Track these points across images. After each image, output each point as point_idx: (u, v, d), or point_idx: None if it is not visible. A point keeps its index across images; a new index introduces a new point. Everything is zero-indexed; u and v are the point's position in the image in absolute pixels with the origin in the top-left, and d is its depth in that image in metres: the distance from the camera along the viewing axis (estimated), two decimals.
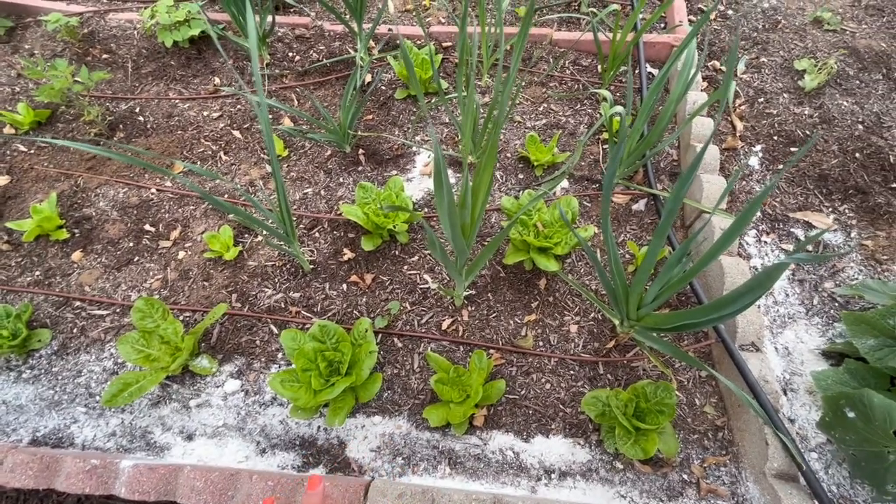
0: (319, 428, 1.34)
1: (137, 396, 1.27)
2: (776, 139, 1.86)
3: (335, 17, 1.97)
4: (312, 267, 1.61)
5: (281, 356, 1.46)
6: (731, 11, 2.31)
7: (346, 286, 1.57)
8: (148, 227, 1.73)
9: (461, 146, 1.88)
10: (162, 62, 2.20)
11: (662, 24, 2.29)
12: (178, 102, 2.07)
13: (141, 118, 2.02)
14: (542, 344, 1.45)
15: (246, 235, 1.70)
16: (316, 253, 1.65)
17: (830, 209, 1.68)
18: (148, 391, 1.30)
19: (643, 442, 1.16)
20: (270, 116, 1.98)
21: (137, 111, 2.05)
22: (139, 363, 1.32)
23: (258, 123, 2.00)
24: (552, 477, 1.25)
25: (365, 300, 1.54)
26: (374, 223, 1.54)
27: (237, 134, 1.97)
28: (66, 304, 1.58)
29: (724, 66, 2.09)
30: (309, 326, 1.47)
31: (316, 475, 0.55)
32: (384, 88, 2.08)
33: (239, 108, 2.05)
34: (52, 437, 1.36)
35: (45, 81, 2.05)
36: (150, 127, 2.00)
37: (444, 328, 1.48)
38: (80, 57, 2.22)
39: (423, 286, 1.56)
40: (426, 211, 1.74)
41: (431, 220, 1.72)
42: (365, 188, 1.58)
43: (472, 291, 1.55)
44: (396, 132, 1.95)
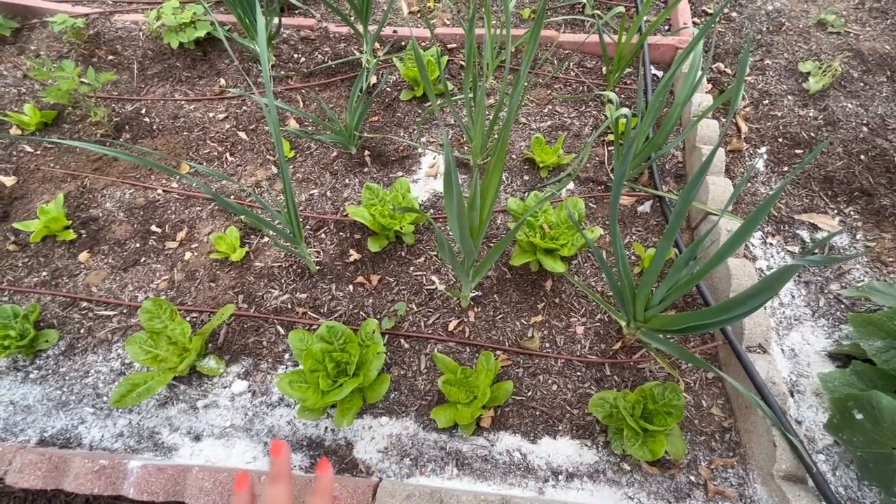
0: (327, 429, 1.35)
1: (145, 397, 1.27)
2: (781, 141, 1.86)
3: (341, 18, 1.98)
4: (319, 268, 1.62)
5: (288, 357, 1.47)
6: (735, 14, 2.32)
7: (352, 287, 1.57)
8: (154, 227, 1.73)
9: (468, 148, 1.89)
10: (167, 63, 2.20)
11: (666, 26, 2.30)
12: (183, 104, 2.08)
13: (147, 119, 2.03)
14: (548, 345, 1.45)
15: (252, 236, 1.71)
16: (322, 254, 1.65)
17: (836, 211, 1.69)
18: (156, 392, 1.30)
19: (651, 443, 1.17)
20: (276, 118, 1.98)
21: (143, 112, 2.05)
22: (147, 364, 1.32)
23: (264, 125, 2.01)
24: (559, 478, 1.25)
25: (371, 301, 1.54)
26: (380, 224, 1.54)
27: (243, 135, 1.97)
28: (73, 304, 1.59)
29: (728, 68, 2.10)
30: (316, 327, 1.47)
31: (324, 458, 0.56)
32: (389, 90, 2.09)
33: (244, 109, 2.05)
34: (59, 437, 1.36)
35: (51, 83, 2.05)
36: (156, 128, 2.00)
37: (450, 329, 1.49)
38: (85, 58, 2.23)
39: (429, 287, 1.56)
40: (432, 212, 1.75)
41: (437, 221, 1.73)
42: (371, 189, 1.59)
43: (478, 293, 1.55)
44: (402, 133, 1.95)
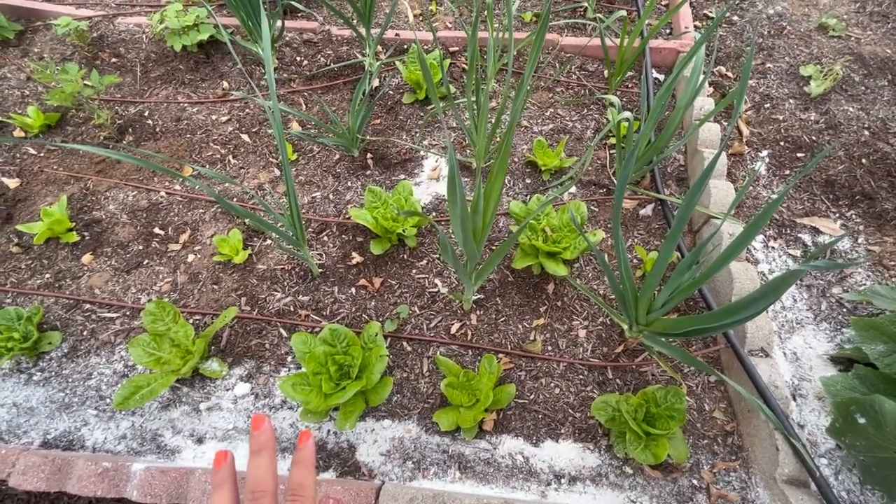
0: (329, 432, 1.35)
1: (149, 399, 1.27)
2: (782, 145, 1.86)
3: (343, 21, 1.99)
4: (321, 271, 1.62)
5: (290, 359, 1.47)
6: (736, 17, 2.32)
7: (354, 290, 1.58)
8: (157, 230, 1.74)
9: (470, 151, 1.89)
10: (171, 66, 2.21)
11: (668, 30, 2.31)
12: (186, 106, 2.08)
13: (150, 122, 2.04)
14: (550, 348, 1.46)
15: (255, 239, 1.71)
16: (325, 256, 1.65)
17: (837, 215, 1.69)
18: (159, 394, 1.30)
19: (654, 447, 1.17)
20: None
21: (146, 115, 2.06)
22: (150, 366, 1.32)
23: (266, 127, 2.01)
24: (562, 482, 1.25)
25: (374, 304, 1.55)
26: (382, 227, 1.54)
27: (246, 138, 1.98)
28: (76, 306, 1.59)
29: (730, 71, 2.10)
30: (318, 330, 1.48)
31: (305, 431, 0.54)
32: (392, 93, 2.09)
33: (247, 112, 2.06)
34: (63, 439, 1.36)
35: (54, 85, 2.06)
36: (159, 130, 2.01)
37: (453, 332, 1.49)
38: (89, 61, 2.24)
39: (431, 290, 1.57)
40: (434, 215, 1.75)
41: (440, 223, 1.73)
42: (374, 192, 1.59)
43: (480, 296, 1.55)
44: (404, 136, 1.96)
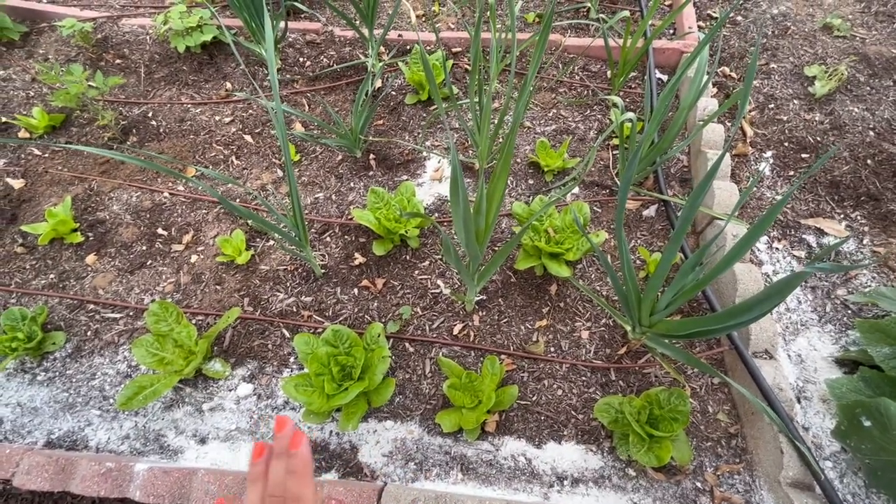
0: (332, 432, 1.35)
1: (152, 400, 1.28)
2: (787, 145, 1.85)
3: (346, 22, 1.99)
4: (324, 271, 1.62)
5: (293, 360, 1.47)
6: (740, 17, 2.31)
7: (357, 291, 1.58)
8: (161, 230, 1.74)
9: (472, 152, 1.89)
10: (174, 67, 2.22)
11: (672, 30, 2.30)
12: (190, 107, 2.09)
13: (154, 123, 2.04)
14: (553, 350, 1.45)
15: (258, 239, 1.71)
16: (327, 257, 1.66)
17: (842, 216, 1.68)
18: (162, 394, 1.31)
19: (657, 449, 1.16)
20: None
21: (150, 116, 2.07)
22: (153, 367, 1.33)
23: (269, 128, 2.02)
24: (564, 483, 1.25)
25: (376, 305, 1.55)
26: (385, 228, 1.54)
27: (249, 138, 1.98)
28: (80, 306, 1.60)
29: (734, 72, 2.09)
30: (321, 331, 1.48)
31: (298, 432, 0.50)
32: (394, 94, 2.09)
33: (250, 112, 2.06)
34: (66, 439, 1.37)
35: (59, 86, 2.07)
36: (162, 131, 2.02)
37: (455, 333, 1.49)
38: (93, 62, 2.25)
39: (434, 291, 1.57)
40: (437, 216, 1.75)
41: (442, 224, 1.73)
42: (377, 193, 1.59)
43: (483, 297, 1.55)
44: (407, 137, 1.96)
